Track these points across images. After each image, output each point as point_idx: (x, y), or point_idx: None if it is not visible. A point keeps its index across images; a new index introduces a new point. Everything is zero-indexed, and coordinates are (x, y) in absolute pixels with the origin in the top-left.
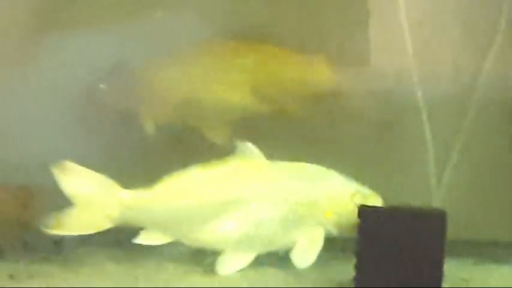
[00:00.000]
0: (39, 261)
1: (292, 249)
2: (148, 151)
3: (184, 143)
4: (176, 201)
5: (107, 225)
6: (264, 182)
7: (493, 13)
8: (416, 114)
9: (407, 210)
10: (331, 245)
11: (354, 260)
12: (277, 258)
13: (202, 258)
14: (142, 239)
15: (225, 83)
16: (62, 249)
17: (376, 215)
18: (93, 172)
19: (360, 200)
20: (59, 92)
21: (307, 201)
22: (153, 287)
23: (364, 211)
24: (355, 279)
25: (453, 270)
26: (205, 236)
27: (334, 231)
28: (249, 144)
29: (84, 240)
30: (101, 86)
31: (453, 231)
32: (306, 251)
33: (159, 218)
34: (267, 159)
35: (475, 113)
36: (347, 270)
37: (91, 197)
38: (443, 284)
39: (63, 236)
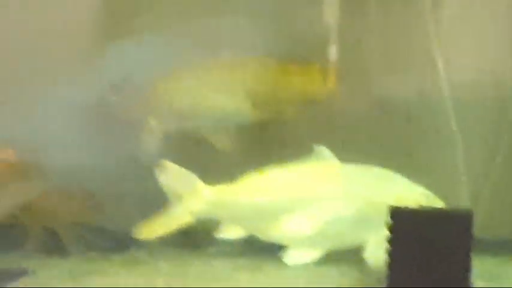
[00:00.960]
0: (100, 260)
1: (364, 250)
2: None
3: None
4: (253, 197)
5: (189, 220)
6: (336, 183)
7: None
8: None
9: (435, 210)
10: None
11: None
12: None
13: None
14: (220, 233)
15: (224, 92)
16: (123, 249)
17: (406, 215)
18: (184, 170)
19: (424, 203)
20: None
21: (376, 203)
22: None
23: (395, 211)
24: (387, 277)
25: (488, 267)
26: (278, 231)
27: None
28: (324, 148)
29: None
30: (112, 98)
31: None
32: (376, 251)
33: (237, 213)
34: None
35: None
36: None
37: (181, 193)
38: (477, 280)
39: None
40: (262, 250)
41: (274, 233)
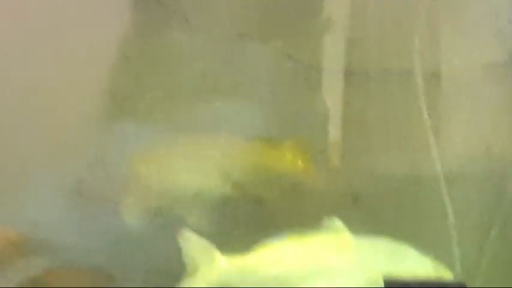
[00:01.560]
0: None
1: None
2: None
3: None
4: (267, 269)
5: None
6: (349, 255)
7: None
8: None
9: (429, 281)
10: None
11: None
12: None
13: None
14: None
15: (197, 170)
16: None
17: (400, 285)
18: (203, 239)
19: (435, 275)
20: None
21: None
22: None
23: (388, 281)
24: None
25: None
26: None
27: None
28: (335, 219)
29: None
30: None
31: None
32: None
33: (252, 284)
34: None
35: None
36: None
37: (198, 263)
38: None
39: None
40: None
41: None
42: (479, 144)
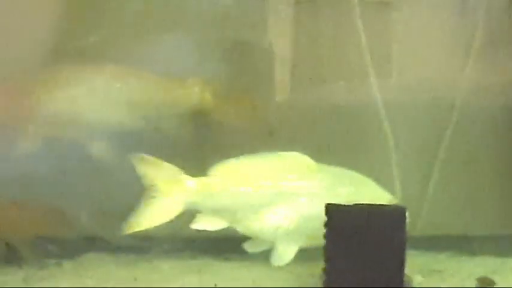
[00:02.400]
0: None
1: None
2: None
3: None
4: (234, 188)
5: (174, 212)
6: (313, 181)
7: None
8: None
9: (370, 207)
10: None
11: None
12: None
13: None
14: (198, 225)
15: (105, 101)
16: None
17: (342, 211)
18: (164, 162)
19: None
20: None
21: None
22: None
23: (330, 207)
24: (324, 272)
25: (428, 264)
26: (256, 224)
27: None
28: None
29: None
30: None
31: (429, 227)
32: None
33: (218, 204)
34: None
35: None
36: None
37: (162, 186)
38: (416, 275)
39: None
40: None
41: (252, 225)
42: (423, 73)
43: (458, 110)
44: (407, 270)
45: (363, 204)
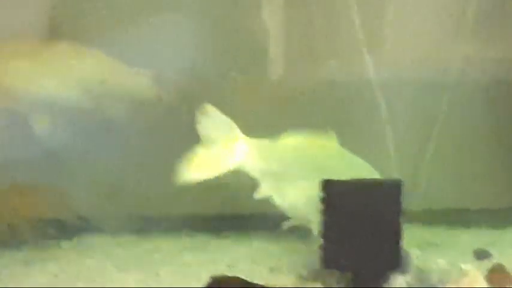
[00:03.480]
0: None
1: None
2: None
3: None
4: (282, 158)
5: (226, 167)
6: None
7: None
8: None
9: (366, 181)
10: None
11: None
12: None
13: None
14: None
15: (55, 78)
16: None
17: (338, 186)
18: (227, 117)
19: None
20: None
21: None
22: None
23: (326, 183)
24: (321, 246)
25: (425, 237)
26: (292, 197)
27: None
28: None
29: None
30: None
31: (426, 201)
32: None
33: (267, 170)
34: None
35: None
36: None
37: (217, 138)
38: (413, 249)
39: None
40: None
41: (288, 198)
42: (417, 49)
43: (452, 85)
44: (404, 244)
45: (358, 179)
